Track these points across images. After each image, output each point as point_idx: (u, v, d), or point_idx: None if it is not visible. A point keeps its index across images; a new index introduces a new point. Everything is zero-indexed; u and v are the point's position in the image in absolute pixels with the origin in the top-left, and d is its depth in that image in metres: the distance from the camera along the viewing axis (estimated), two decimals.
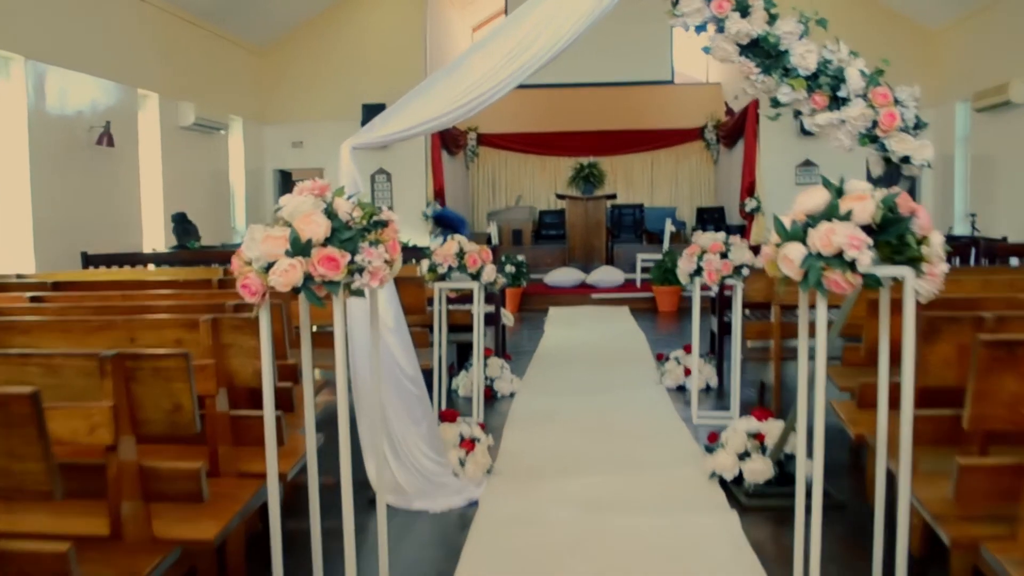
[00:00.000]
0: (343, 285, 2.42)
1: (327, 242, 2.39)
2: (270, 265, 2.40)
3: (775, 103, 3.69)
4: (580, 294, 12.01)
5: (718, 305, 6.24)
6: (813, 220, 2.32)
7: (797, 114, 3.89)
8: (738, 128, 13.99)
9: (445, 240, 7.64)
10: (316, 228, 2.37)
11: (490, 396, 6.02)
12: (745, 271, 4.93)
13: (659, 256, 12.00)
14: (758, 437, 3.86)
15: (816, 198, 2.35)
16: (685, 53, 16.71)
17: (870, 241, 2.21)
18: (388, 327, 3.90)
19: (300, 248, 2.36)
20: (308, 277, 2.37)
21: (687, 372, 6.19)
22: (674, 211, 15.49)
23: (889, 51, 12.25)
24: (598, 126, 16.78)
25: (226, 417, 2.88)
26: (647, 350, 8.01)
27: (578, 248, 13.63)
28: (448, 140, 14.74)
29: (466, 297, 6.17)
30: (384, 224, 2.58)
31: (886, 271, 2.28)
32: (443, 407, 5.19)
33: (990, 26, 11.03)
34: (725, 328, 6.18)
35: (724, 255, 4.93)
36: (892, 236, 2.23)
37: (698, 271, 4.99)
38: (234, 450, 2.94)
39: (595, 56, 15.93)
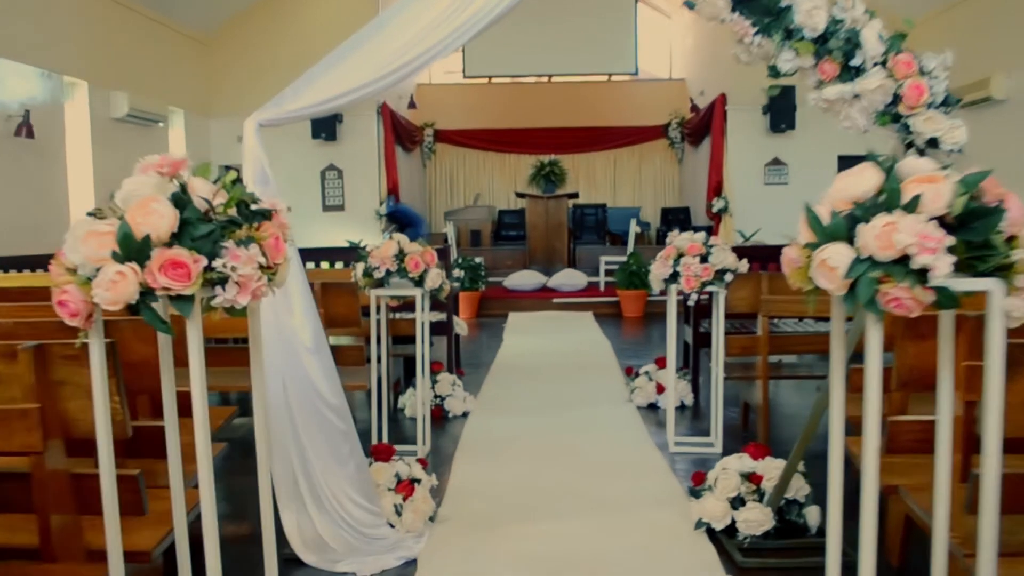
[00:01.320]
0: (198, 301, 1.71)
1: (174, 240, 1.67)
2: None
3: (774, 72, 3.04)
4: (541, 298, 11.35)
5: (693, 314, 5.60)
6: (863, 211, 1.65)
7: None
8: (704, 125, 13.45)
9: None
10: (157, 220, 1.65)
11: (440, 416, 5.32)
12: (728, 277, 4.29)
13: (623, 258, 11.41)
14: (753, 479, 3.21)
15: (866, 179, 1.69)
16: (648, 49, 16.18)
17: (951, 240, 1.55)
18: (306, 347, 3.18)
19: (134, 249, 1.64)
20: (147, 291, 1.66)
21: (659, 389, 5.55)
22: (638, 211, 14.92)
23: None
24: (559, 123, 16.16)
25: (63, 478, 2.14)
26: (614, 361, 7.37)
27: (539, 250, 12.97)
28: (403, 135, 13.99)
29: (411, 304, 5.48)
30: (264, 215, 1.86)
31: (967, 284, 1.62)
32: (385, 434, 4.49)
33: (968, 19, 10.60)
34: (701, 340, 5.55)
35: (704, 258, 4.28)
36: (979, 235, 1.57)
37: (674, 277, 4.34)
38: (79, 521, 2.20)
39: (557, 49, 15.32)
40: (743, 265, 4.36)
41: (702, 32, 14.73)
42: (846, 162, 13.56)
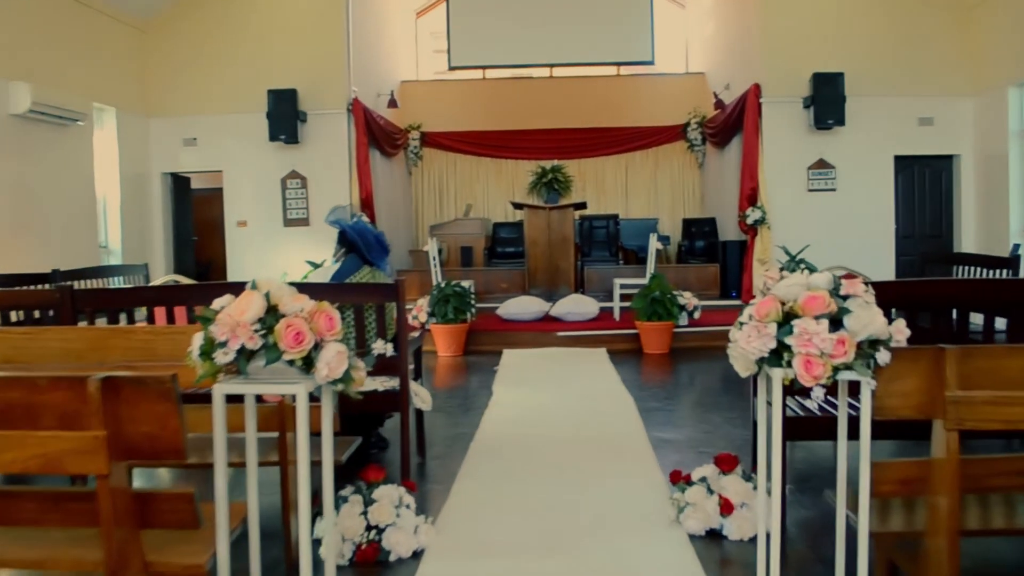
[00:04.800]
0: None
1: None
2: None
3: None
4: (543, 331, 9.37)
5: (772, 383, 3.60)
6: None
7: None
8: (733, 123, 11.50)
9: (345, 269, 4.97)
10: None
11: (375, 561, 3.34)
12: (881, 355, 2.31)
13: (643, 281, 9.45)
14: None
15: None
16: (661, 42, 14.27)
17: None
18: None
19: None
20: None
21: (726, 507, 3.56)
22: (656, 223, 12.95)
23: (918, 31, 9.38)
24: (563, 123, 14.26)
25: None
26: (640, 430, 5.39)
27: (540, 270, 11.00)
28: (381, 138, 12.06)
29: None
30: None
31: None
32: None
33: None
34: (790, 427, 3.55)
35: (837, 321, 2.30)
36: None
37: (778, 354, 2.35)
38: None
39: (561, 35, 13.45)
40: (900, 330, 2.38)
41: (724, 18, 12.80)
42: (904, 163, 11.63)
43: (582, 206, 11.46)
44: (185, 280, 5.50)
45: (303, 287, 4.23)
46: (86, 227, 9.65)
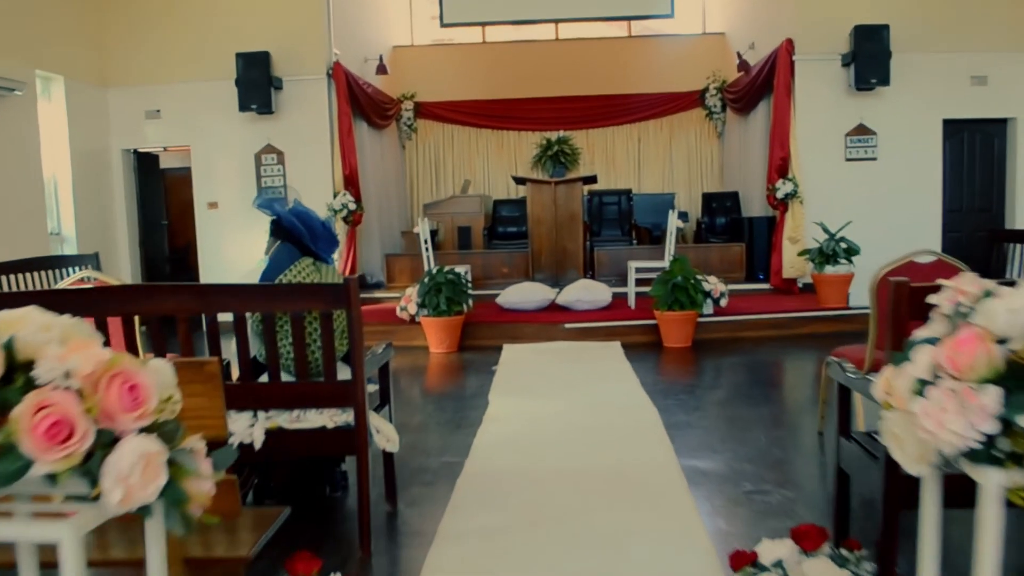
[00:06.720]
0: None
1: None
2: None
3: None
4: (548, 322, 8.25)
5: (983, 502, 2.48)
6: None
7: None
8: (760, 85, 10.29)
9: (277, 261, 3.85)
10: None
11: None
12: None
13: (660, 263, 8.34)
14: None
15: None
16: (678, 1, 13.02)
17: None
18: None
19: None
20: None
21: None
22: (672, 199, 11.77)
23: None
24: (570, 91, 13.07)
25: None
26: (671, 458, 4.28)
27: (545, 252, 9.87)
28: (369, 108, 10.89)
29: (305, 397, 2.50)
30: None
31: None
32: None
33: None
34: (899, 491, 2.45)
35: None
36: None
37: (989, 447, 1.24)
38: None
39: None
40: None
41: None
42: (953, 127, 10.44)
43: (591, 180, 10.30)
44: (110, 280, 4.34)
45: (231, 289, 3.12)
46: (32, 212, 8.54)
